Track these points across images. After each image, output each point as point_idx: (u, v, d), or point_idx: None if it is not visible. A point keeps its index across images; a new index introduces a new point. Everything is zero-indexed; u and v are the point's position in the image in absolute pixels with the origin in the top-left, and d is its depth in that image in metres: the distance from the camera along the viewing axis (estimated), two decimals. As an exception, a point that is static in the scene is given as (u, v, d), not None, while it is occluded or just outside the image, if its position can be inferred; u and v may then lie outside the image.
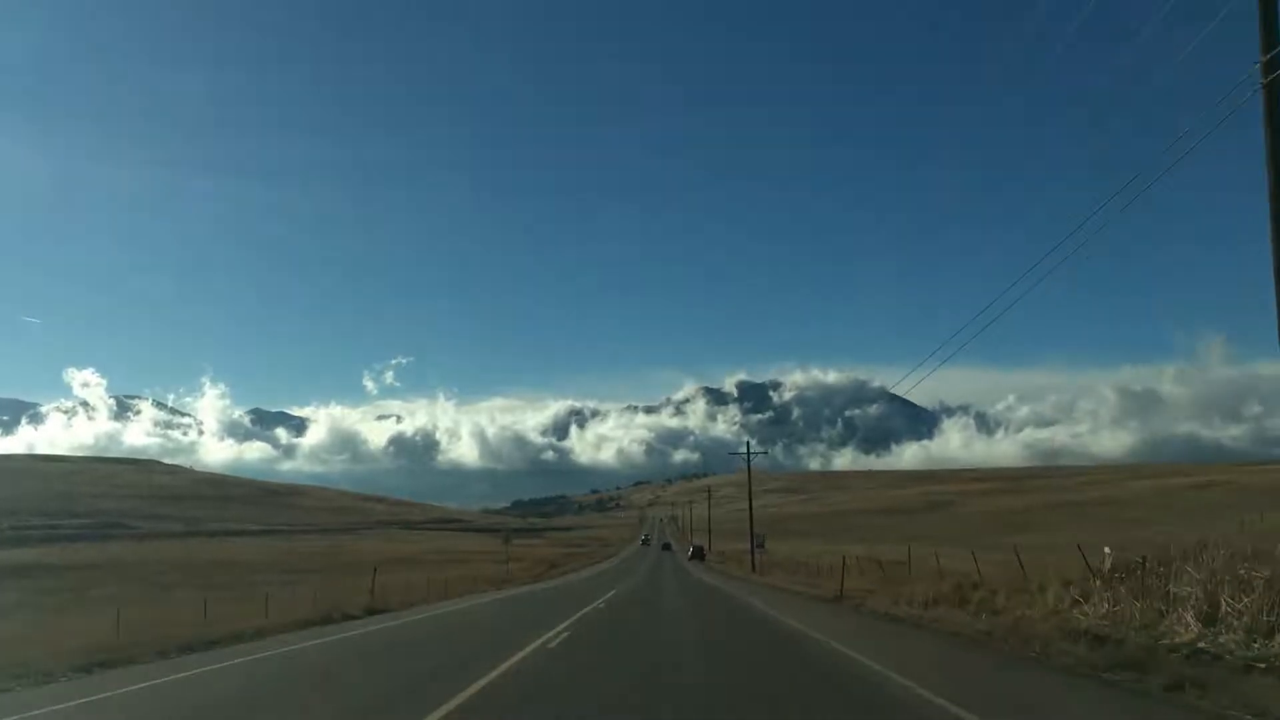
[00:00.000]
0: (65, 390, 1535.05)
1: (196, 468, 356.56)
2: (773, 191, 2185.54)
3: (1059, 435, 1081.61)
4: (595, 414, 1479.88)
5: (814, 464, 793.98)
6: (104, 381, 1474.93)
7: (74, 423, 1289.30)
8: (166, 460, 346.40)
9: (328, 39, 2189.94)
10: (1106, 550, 19.63)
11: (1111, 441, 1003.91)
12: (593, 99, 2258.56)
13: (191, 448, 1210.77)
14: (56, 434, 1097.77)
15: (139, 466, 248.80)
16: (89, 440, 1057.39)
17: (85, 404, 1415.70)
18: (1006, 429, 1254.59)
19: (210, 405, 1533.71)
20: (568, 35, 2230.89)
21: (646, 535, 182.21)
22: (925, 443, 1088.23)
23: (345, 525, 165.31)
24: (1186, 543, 16.53)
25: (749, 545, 61.22)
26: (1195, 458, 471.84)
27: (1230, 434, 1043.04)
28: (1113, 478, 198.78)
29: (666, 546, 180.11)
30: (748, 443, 64.63)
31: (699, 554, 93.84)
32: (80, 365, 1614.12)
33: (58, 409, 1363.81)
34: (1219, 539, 16.11)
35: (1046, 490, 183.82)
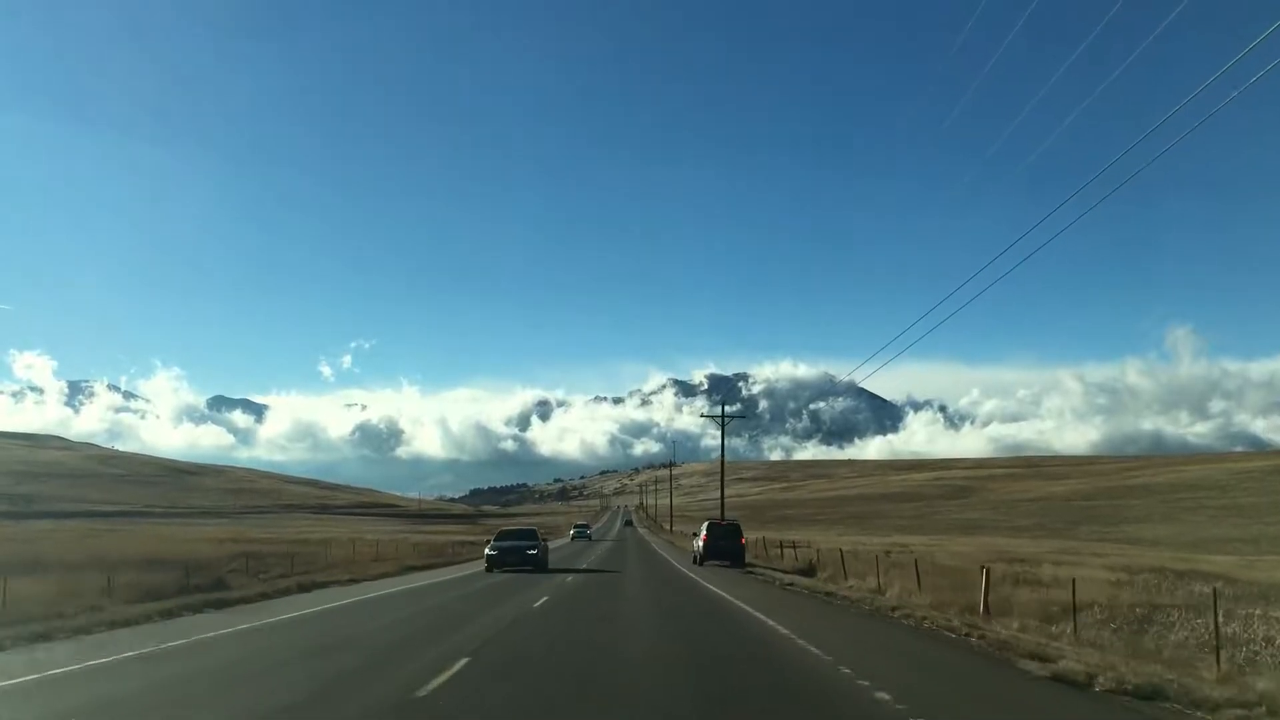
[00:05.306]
0: (8, 373, 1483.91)
1: (120, 448, 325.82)
2: (747, 185, 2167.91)
3: (1024, 430, 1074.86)
4: (562, 404, 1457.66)
5: (775, 456, 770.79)
6: (53, 364, 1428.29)
7: (21, 407, 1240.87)
8: (114, 445, 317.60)
9: (306, 23, 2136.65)
10: None
11: (1076, 437, 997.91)
12: (562, 89, 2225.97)
13: (143, 433, 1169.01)
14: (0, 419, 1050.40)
15: (32, 441, 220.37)
16: (37, 425, 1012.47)
17: (33, 387, 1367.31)
18: (972, 423, 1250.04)
19: (167, 390, 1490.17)
20: (535, 27, 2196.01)
21: (583, 524, 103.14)
22: (890, 436, 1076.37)
23: (242, 508, 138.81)
24: None
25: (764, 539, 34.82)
26: (1163, 453, 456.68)
27: (1196, 430, 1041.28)
28: (1131, 465, 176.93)
29: (629, 524, 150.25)
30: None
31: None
32: (22, 348, 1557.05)
33: (1, 392, 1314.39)
34: None
35: (1072, 477, 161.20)
